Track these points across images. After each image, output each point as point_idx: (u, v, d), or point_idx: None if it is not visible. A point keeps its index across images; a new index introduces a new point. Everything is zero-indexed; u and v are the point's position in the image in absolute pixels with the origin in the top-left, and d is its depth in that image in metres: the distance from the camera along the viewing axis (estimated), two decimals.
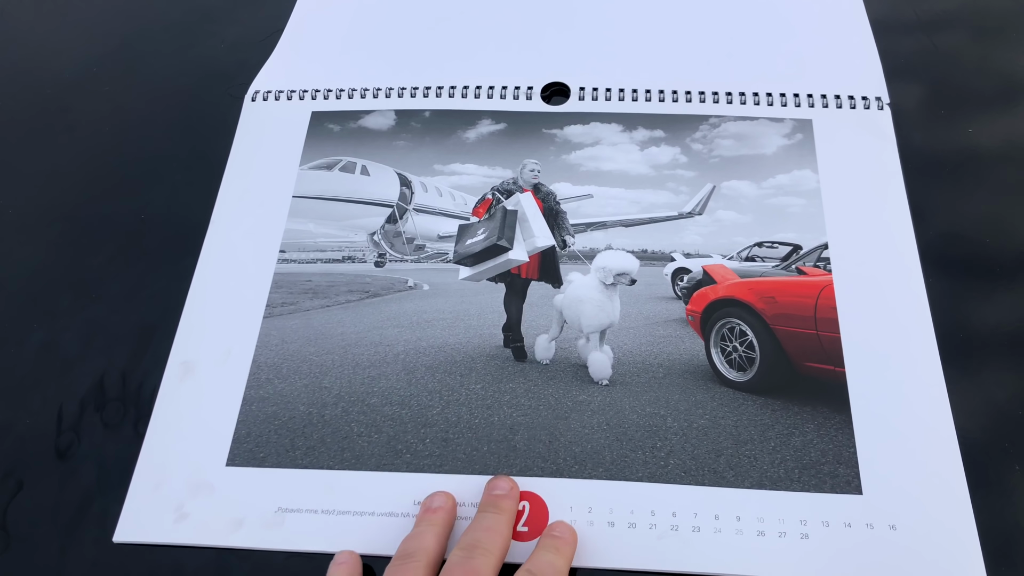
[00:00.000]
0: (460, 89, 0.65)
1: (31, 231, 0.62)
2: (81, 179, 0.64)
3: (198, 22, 0.73)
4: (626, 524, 0.45)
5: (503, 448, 0.48)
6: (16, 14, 0.77)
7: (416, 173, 0.62)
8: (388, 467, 0.48)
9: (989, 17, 0.67)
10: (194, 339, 0.54)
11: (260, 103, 0.66)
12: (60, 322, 0.56)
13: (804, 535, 0.44)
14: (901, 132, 0.59)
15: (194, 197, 0.61)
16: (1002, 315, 0.52)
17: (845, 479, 0.46)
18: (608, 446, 0.48)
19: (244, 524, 0.47)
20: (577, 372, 0.53)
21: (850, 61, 0.64)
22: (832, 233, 0.55)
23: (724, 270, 0.56)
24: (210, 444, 0.50)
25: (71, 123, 0.68)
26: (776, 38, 0.66)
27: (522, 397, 0.51)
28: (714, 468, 0.47)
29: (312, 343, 0.55)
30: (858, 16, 0.66)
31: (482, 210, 0.61)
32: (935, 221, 0.56)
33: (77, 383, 0.54)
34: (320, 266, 0.59)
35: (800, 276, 0.55)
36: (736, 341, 0.53)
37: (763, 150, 0.60)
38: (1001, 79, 0.63)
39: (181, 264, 0.58)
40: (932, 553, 0.44)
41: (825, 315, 0.52)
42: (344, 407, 0.51)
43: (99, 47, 0.73)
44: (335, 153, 0.63)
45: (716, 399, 0.50)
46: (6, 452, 0.44)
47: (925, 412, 0.48)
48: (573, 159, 0.61)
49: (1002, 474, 0.47)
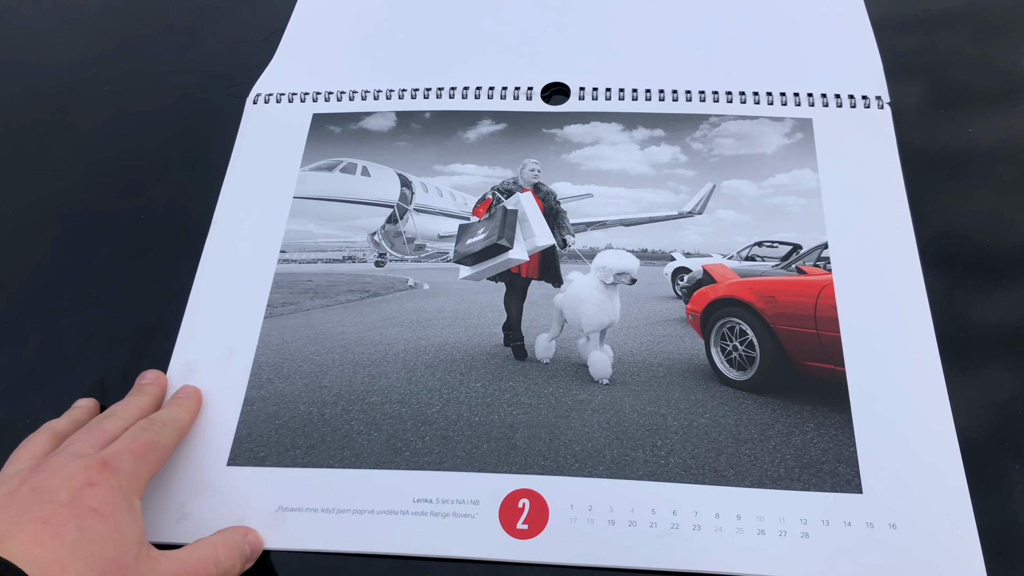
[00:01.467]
0: (460, 90, 0.65)
1: (31, 231, 0.62)
2: (81, 179, 0.65)
3: (198, 22, 0.74)
4: (627, 523, 0.45)
5: (503, 446, 0.48)
6: (16, 14, 0.77)
7: (416, 174, 0.62)
8: (388, 465, 0.48)
9: (989, 16, 0.67)
10: (196, 339, 0.54)
11: (261, 106, 0.66)
12: (60, 322, 0.57)
13: (804, 534, 0.44)
14: (901, 131, 0.59)
15: (194, 197, 0.61)
16: (1002, 313, 0.52)
17: (845, 478, 0.46)
18: (608, 445, 0.48)
19: (245, 523, 0.47)
20: (577, 371, 0.53)
21: (850, 60, 0.64)
22: (832, 232, 0.55)
23: (724, 269, 0.56)
24: (211, 444, 0.50)
25: (71, 123, 0.68)
26: (776, 37, 0.66)
27: (522, 395, 0.51)
28: (714, 467, 0.47)
29: (313, 342, 0.55)
30: (858, 15, 0.66)
31: (482, 210, 0.61)
32: (935, 220, 0.56)
33: (77, 383, 0.54)
34: (321, 266, 0.59)
35: (800, 275, 0.55)
36: (736, 340, 0.53)
37: (763, 149, 0.60)
38: (1001, 78, 0.63)
39: (181, 264, 0.58)
40: (932, 551, 0.44)
41: (825, 314, 0.52)
42: (344, 406, 0.51)
43: (99, 47, 0.73)
44: (336, 154, 0.63)
45: (716, 398, 0.50)
46: (6, 453, 0.44)
47: (925, 411, 0.48)
48: (573, 158, 0.61)
49: (1002, 472, 0.46)
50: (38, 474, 0.41)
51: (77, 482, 0.40)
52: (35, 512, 0.38)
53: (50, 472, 0.41)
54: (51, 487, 0.40)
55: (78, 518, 0.38)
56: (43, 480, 0.40)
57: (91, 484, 0.40)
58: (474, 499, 0.47)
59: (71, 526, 0.38)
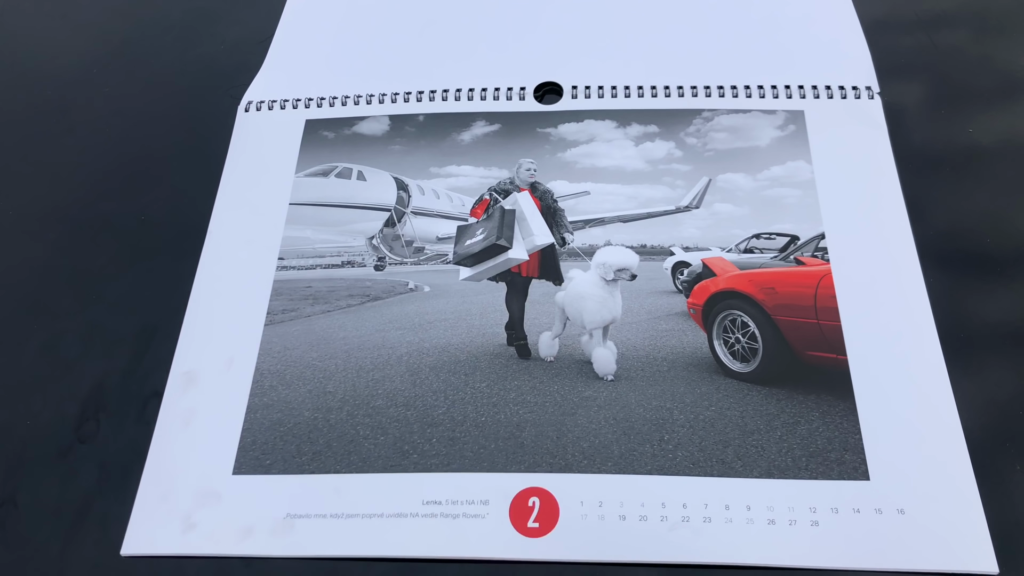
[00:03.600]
0: (453, 92, 0.65)
1: (31, 231, 0.61)
2: (81, 179, 0.64)
3: (198, 22, 0.73)
4: (637, 517, 0.45)
5: (511, 445, 0.48)
6: (16, 14, 0.76)
7: (412, 176, 0.62)
8: (395, 468, 0.48)
9: (985, 11, 0.67)
10: (196, 349, 0.54)
11: (253, 113, 0.66)
12: (60, 323, 0.56)
13: (814, 522, 0.45)
14: (897, 125, 0.60)
15: (195, 198, 0.61)
16: (999, 297, 0.53)
17: (852, 465, 0.46)
18: (616, 440, 0.48)
19: (253, 532, 0.47)
20: (582, 368, 0.53)
21: (839, 51, 0.64)
22: (828, 222, 0.56)
23: (723, 263, 0.57)
24: (216, 453, 0.50)
25: (71, 123, 0.68)
26: (764, 31, 0.66)
27: (528, 394, 0.51)
28: (722, 459, 0.47)
29: (315, 348, 0.55)
30: (845, 6, 0.67)
31: (480, 211, 0.61)
32: (930, 208, 0.56)
33: (78, 385, 0.53)
34: (320, 272, 0.59)
35: (799, 266, 0.55)
36: (738, 332, 0.53)
37: (757, 142, 0.60)
38: (998, 72, 0.63)
39: (182, 264, 0.58)
40: (941, 535, 0.44)
41: (825, 304, 0.52)
42: (349, 411, 0.51)
43: (99, 47, 0.73)
44: (331, 160, 0.63)
45: (721, 391, 0.50)
46: (6, 455, 0.43)
47: (927, 395, 0.48)
48: (568, 157, 0.61)
49: (1006, 452, 0.47)
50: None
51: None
52: None
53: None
54: None
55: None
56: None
57: None
58: (483, 499, 0.46)
59: None
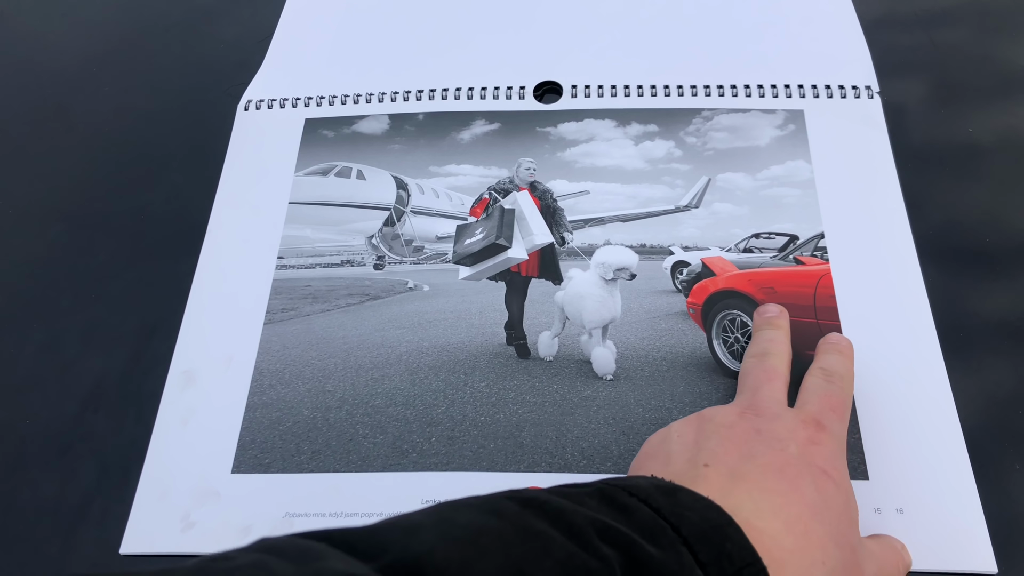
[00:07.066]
0: (452, 91, 0.65)
1: (31, 231, 0.61)
2: (81, 179, 0.64)
3: (198, 21, 0.73)
4: None
5: (510, 445, 0.48)
6: (16, 13, 0.76)
7: (412, 176, 0.62)
8: (395, 467, 0.48)
9: (985, 10, 0.67)
10: (194, 348, 0.54)
11: (253, 112, 0.66)
12: (59, 321, 0.56)
13: None
14: (897, 124, 0.60)
15: (194, 195, 0.61)
16: (999, 296, 0.53)
17: (851, 464, 0.46)
18: (615, 440, 0.48)
19: (252, 531, 0.47)
20: (581, 368, 0.53)
21: (839, 50, 0.64)
22: (828, 222, 0.56)
23: (723, 262, 0.57)
24: (215, 452, 0.50)
25: (71, 122, 0.68)
26: (764, 29, 0.66)
27: (527, 394, 0.51)
28: None
29: (314, 348, 0.55)
30: (844, 5, 0.67)
31: (479, 210, 0.61)
32: (929, 207, 0.56)
33: (76, 383, 0.53)
34: (319, 271, 0.59)
35: (798, 266, 0.55)
36: (738, 332, 0.53)
37: (756, 142, 0.60)
38: (997, 72, 0.63)
39: (181, 263, 0.58)
40: (940, 534, 0.44)
41: (824, 304, 0.52)
42: (348, 410, 0.51)
43: (99, 46, 0.72)
44: (330, 159, 0.63)
45: (720, 390, 0.50)
46: (5, 454, 0.43)
47: (927, 395, 0.48)
48: (568, 156, 0.61)
49: (1005, 452, 0.47)
50: (754, 415, 0.37)
51: (801, 436, 0.35)
52: (768, 457, 0.34)
53: (768, 417, 0.37)
54: (777, 434, 0.35)
55: (813, 476, 0.34)
56: (765, 424, 0.36)
57: (814, 442, 0.35)
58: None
59: (808, 483, 0.33)
